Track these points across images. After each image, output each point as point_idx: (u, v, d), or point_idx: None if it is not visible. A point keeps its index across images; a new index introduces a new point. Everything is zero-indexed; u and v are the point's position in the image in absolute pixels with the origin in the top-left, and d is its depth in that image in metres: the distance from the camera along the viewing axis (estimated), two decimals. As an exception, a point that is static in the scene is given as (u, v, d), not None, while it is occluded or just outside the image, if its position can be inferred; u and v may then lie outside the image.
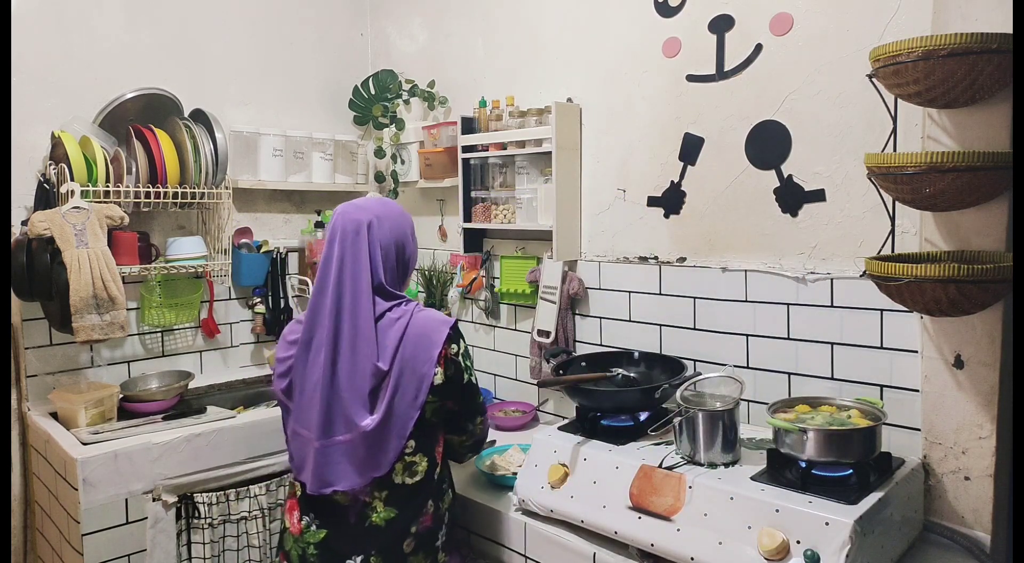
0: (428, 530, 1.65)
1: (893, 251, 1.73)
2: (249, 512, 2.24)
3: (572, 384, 1.98)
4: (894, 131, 1.72)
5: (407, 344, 1.60)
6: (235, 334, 2.91)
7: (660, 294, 2.25)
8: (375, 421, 1.57)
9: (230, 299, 2.91)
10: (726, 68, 2.05)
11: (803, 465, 1.56)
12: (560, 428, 1.98)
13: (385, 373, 1.58)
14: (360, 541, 1.60)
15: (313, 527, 1.64)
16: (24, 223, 2.29)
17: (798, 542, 1.41)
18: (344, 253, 1.63)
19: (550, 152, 2.34)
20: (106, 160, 2.36)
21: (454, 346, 1.64)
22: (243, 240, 2.87)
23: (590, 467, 1.76)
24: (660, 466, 1.66)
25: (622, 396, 1.99)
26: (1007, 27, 1.47)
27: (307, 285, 2.88)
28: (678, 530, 1.56)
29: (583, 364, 2.21)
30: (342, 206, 1.70)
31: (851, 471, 1.55)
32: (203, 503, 2.16)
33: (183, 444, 2.13)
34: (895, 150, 1.72)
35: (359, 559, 1.60)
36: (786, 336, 1.97)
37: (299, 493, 1.69)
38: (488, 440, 2.30)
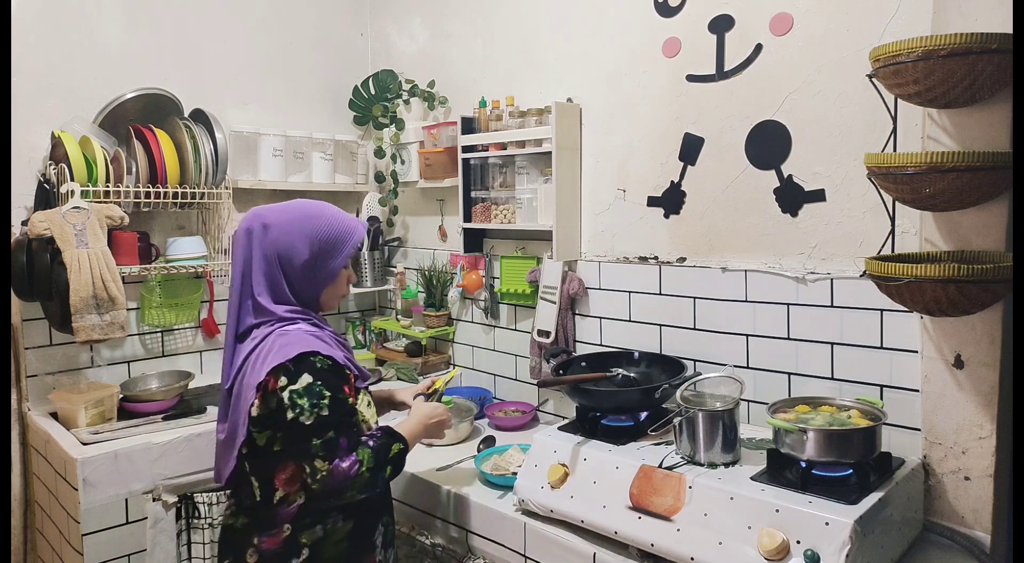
0: (274, 553, 1.54)
1: (893, 251, 1.73)
2: (249, 512, 2.23)
3: (572, 384, 1.98)
4: (894, 131, 1.72)
5: (247, 368, 1.54)
6: (235, 334, 2.91)
7: (660, 294, 2.25)
8: (223, 432, 1.61)
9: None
10: (726, 68, 2.05)
11: (803, 465, 1.56)
12: (560, 428, 1.98)
13: (228, 392, 1.59)
14: (231, 540, 1.62)
15: (229, 512, 1.68)
16: (24, 223, 2.29)
17: (798, 542, 1.41)
18: (233, 260, 1.63)
19: (550, 152, 2.34)
20: (106, 160, 2.36)
21: (283, 379, 1.47)
22: (243, 240, 2.87)
23: (590, 467, 1.76)
24: (660, 466, 1.66)
25: (622, 396, 1.99)
26: (1007, 27, 1.47)
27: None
28: (678, 530, 1.56)
29: (583, 364, 2.21)
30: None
31: (851, 471, 1.55)
32: (203, 503, 2.16)
33: (183, 444, 2.13)
34: (895, 150, 1.72)
35: (231, 555, 1.61)
36: (786, 336, 1.97)
37: None
38: (487, 438, 2.30)
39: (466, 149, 2.63)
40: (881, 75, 1.54)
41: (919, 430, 1.73)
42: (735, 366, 2.03)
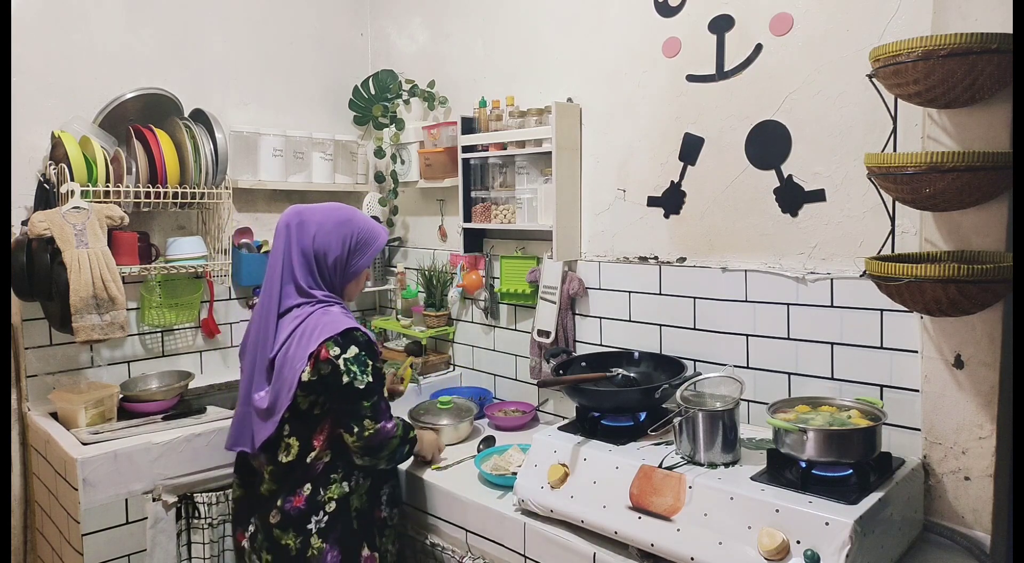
0: (298, 511, 1.77)
1: (893, 251, 1.73)
2: (249, 512, 2.24)
3: (572, 384, 1.98)
4: (894, 131, 1.72)
5: (293, 340, 1.77)
6: (235, 334, 2.91)
7: (660, 294, 2.25)
8: (264, 400, 1.79)
9: (230, 299, 2.91)
10: (726, 68, 2.05)
11: (803, 465, 1.56)
12: (560, 428, 1.98)
13: (271, 361, 1.80)
14: (255, 506, 1.84)
15: (234, 485, 1.94)
16: (24, 223, 2.29)
17: (798, 542, 1.41)
18: (273, 249, 1.88)
19: (550, 152, 2.34)
20: (106, 160, 2.36)
21: (336, 349, 1.73)
22: (243, 240, 2.87)
23: (590, 467, 1.76)
24: (660, 466, 1.66)
25: (622, 396, 1.99)
26: (1007, 27, 1.47)
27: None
28: (678, 530, 1.56)
29: (583, 364, 2.21)
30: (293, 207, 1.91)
31: (851, 471, 1.55)
32: (203, 503, 2.17)
33: (183, 444, 2.13)
34: (895, 150, 1.72)
35: (253, 522, 1.84)
36: (786, 336, 1.97)
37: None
38: (487, 438, 2.30)
39: (466, 149, 2.63)
40: (881, 75, 1.54)
41: (919, 430, 1.73)
42: (735, 366, 2.03)
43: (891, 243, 1.75)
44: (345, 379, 1.73)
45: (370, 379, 1.75)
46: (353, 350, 1.74)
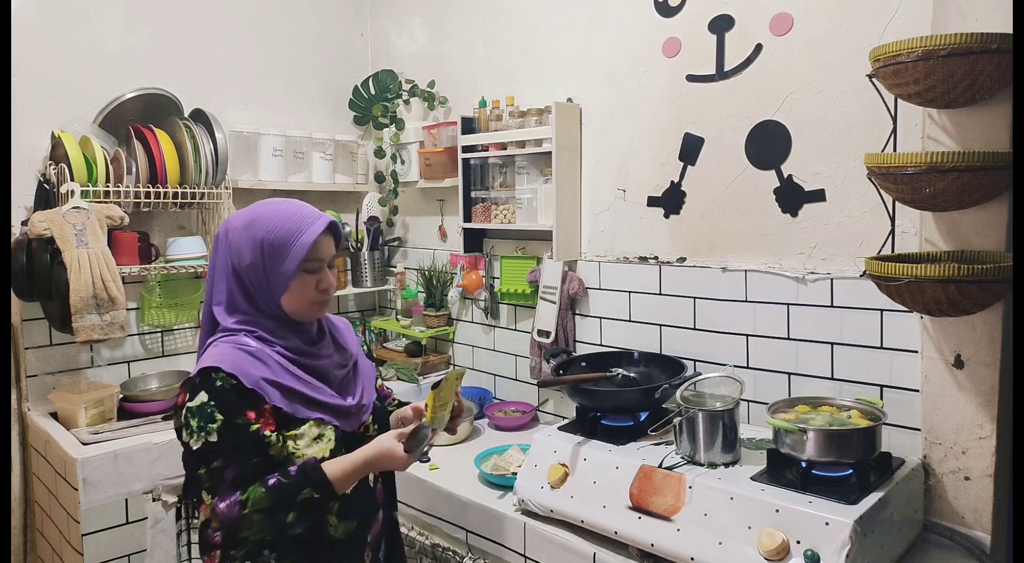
0: None
1: (893, 251, 1.73)
2: (249, 512, 2.23)
3: (572, 384, 1.98)
4: (894, 131, 1.72)
5: None
6: (235, 334, 2.91)
7: (660, 294, 2.24)
8: None
9: (230, 299, 2.90)
10: (726, 68, 2.05)
11: (803, 465, 1.56)
12: (560, 428, 1.98)
13: None
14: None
15: None
16: (24, 223, 2.29)
17: (798, 542, 1.41)
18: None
19: (550, 152, 2.34)
20: (106, 160, 2.36)
21: (187, 395, 1.33)
22: (243, 240, 2.87)
23: (590, 467, 1.76)
24: (660, 466, 1.66)
25: (622, 396, 1.99)
26: (1007, 27, 1.47)
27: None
28: (678, 530, 1.56)
29: (583, 364, 2.21)
30: None
31: (851, 471, 1.55)
32: (203, 503, 2.16)
33: (183, 444, 2.13)
34: (895, 150, 1.72)
35: None
36: (786, 336, 1.97)
37: None
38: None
39: (466, 149, 2.63)
40: (881, 75, 1.54)
41: (919, 430, 1.73)
42: (735, 366, 2.03)
43: (891, 243, 1.75)
44: (183, 436, 1.31)
45: (211, 438, 1.29)
46: (200, 397, 1.30)
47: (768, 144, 1.97)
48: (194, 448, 1.30)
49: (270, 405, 1.34)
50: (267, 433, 1.33)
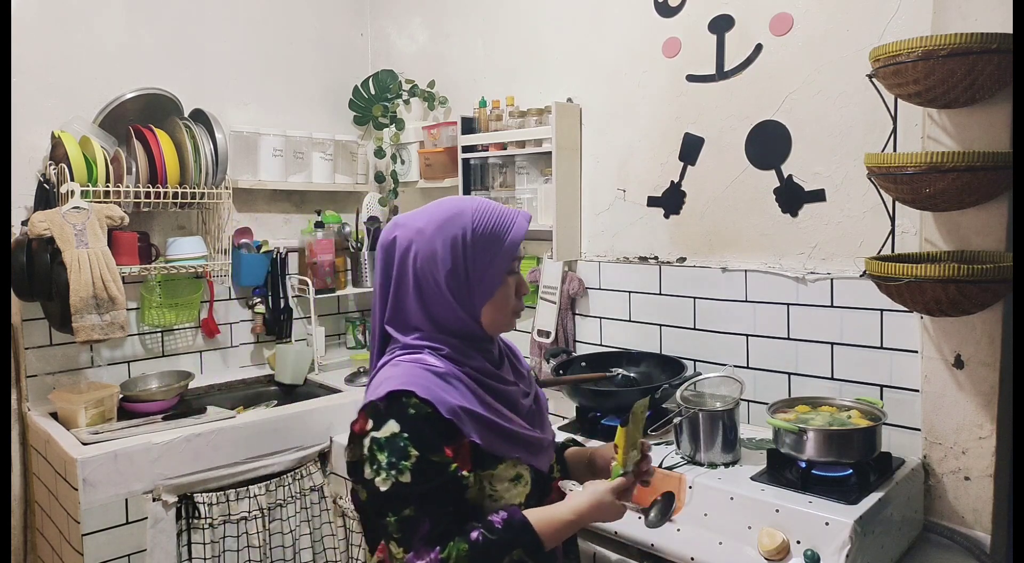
0: None
1: (893, 251, 1.73)
2: (249, 512, 2.24)
3: (572, 384, 1.98)
4: (894, 131, 1.72)
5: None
6: (235, 334, 2.91)
7: (660, 294, 2.24)
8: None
9: (230, 299, 2.91)
10: (726, 68, 2.05)
11: (803, 465, 1.56)
12: (560, 428, 1.98)
13: None
14: None
15: None
16: (24, 223, 2.29)
17: (798, 542, 1.41)
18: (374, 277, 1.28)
19: (550, 152, 2.34)
20: (106, 160, 2.36)
21: (369, 422, 1.13)
22: (243, 240, 2.87)
23: (590, 467, 1.76)
24: (660, 466, 1.66)
25: (622, 396, 1.99)
26: (1007, 27, 1.47)
27: (307, 285, 2.88)
28: (678, 530, 1.56)
29: (583, 364, 2.21)
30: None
31: (851, 471, 1.55)
32: (203, 503, 2.16)
33: (183, 444, 2.13)
34: (895, 150, 1.72)
35: None
36: (786, 336, 1.96)
37: None
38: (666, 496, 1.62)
39: (466, 149, 2.63)
40: (881, 75, 1.54)
41: (919, 430, 1.73)
42: (735, 366, 2.03)
43: (891, 243, 1.75)
44: (367, 472, 1.11)
45: (402, 479, 1.09)
46: (390, 427, 1.11)
47: (768, 144, 1.97)
48: (382, 489, 1.09)
49: (468, 440, 1.14)
50: (464, 473, 1.13)
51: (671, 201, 2.20)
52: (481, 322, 1.22)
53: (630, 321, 2.33)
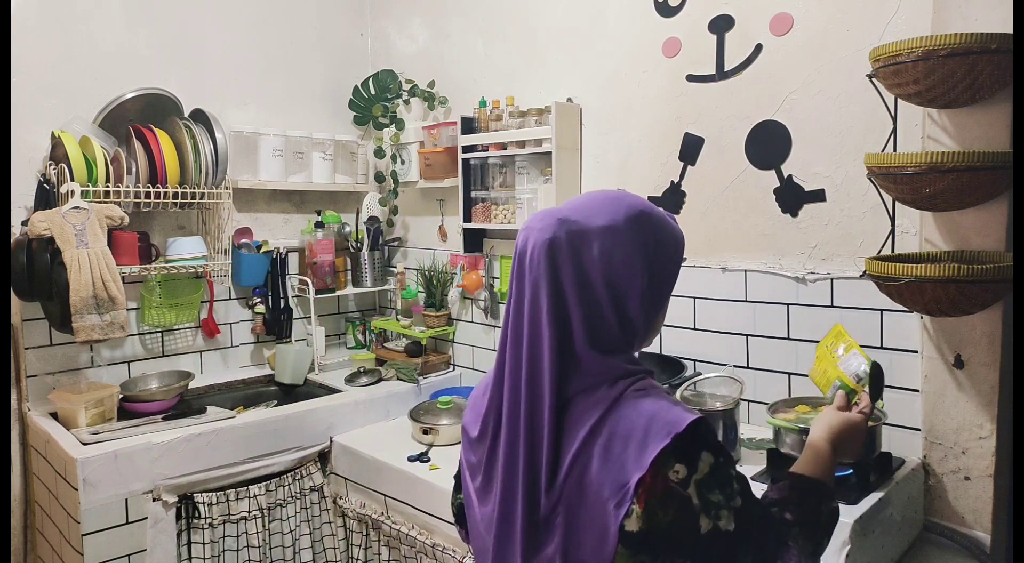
0: None
1: (893, 251, 1.73)
2: (249, 512, 2.24)
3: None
4: (894, 131, 1.72)
5: (595, 454, 0.92)
6: (235, 334, 2.91)
7: (660, 294, 2.24)
8: None
9: (230, 299, 2.91)
10: (726, 68, 2.05)
11: (803, 465, 1.55)
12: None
13: (556, 498, 0.95)
14: None
15: None
16: (24, 223, 2.29)
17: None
18: (521, 294, 1.00)
19: (550, 152, 2.34)
20: (106, 160, 2.36)
21: (678, 466, 0.89)
22: (243, 240, 2.87)
23: (590, 467, 1.76)
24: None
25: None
26: (1007, 27, 1.47)
27: (307, 285, 2.88)
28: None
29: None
30: (533, 215, 1.06)
31: (851, 471, 1.55)
32: (203, 503, 2.16)
33: (183, 444, 2.13)
34: (895, 150, 1.72)
35: None
36: (786, 336, 1.96)
37: None
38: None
39: (466, 149, 2.63)
40: (881, 75, 1.54)
41: (919, 430, 1.73)
42: (735, 366, 2.03)
43: (891, 243, 1.75)
44: (705, 525, 0.90)
45: (736, 503, 0.92)
46: (706, 461, 0.91)
47: (768, 144, 1.97)
48: (730, 529, 0.90)
49: None
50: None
51: (671, 201, 2.20)
52: (643, 340, 1.05)
53: (630, 321, 2.33)
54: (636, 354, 1.05)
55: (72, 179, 2.26)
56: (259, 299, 2.90)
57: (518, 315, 0.99)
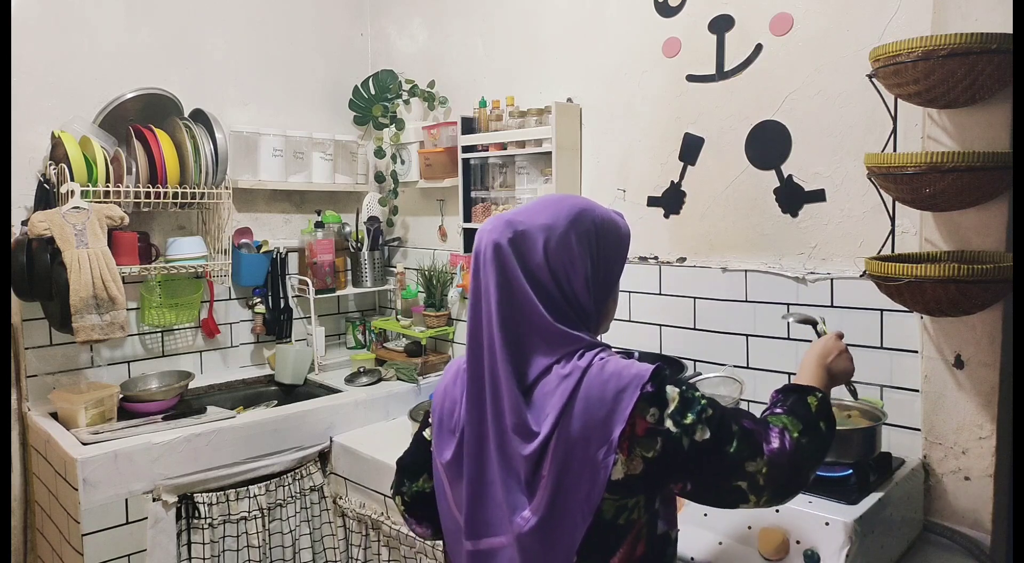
0: None
1: (893, 251, 1.73)
2: (249, 512, 2.24)
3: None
4: (894, 131, 1.72)
5: (575, 416, 1.06)
6: (235, 334, 2.91)
7: (660, 294, 2.24)
8: (532, 521, 1.08)
9: (230, 299, 2.91)
10: (726, 68, 2.05)
11: (803, 465, 1.55)
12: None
13: (538, 456, 1.08)
14: None
15: None
16: (24, 223, 2.29)
17: (798, 542, 1.41)
18: (477, 290, 1.17)
19: (550, 152, 2.34)
20: (106, 160, 2.36)
21: (652, 410, 1.05)
22: (243, 240, 2.87)
23: (590, 467, 1.76)
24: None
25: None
26: (1007, 27, 1.47)
27: (307, 285, 2.88)
28: (678, 530, 1.55)
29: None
30: (488, 218, 1.21)
31: (851, 471, 1.55)
32: (203, 503, 2.16)
33: (183, 444, 2.13)
34: (895, 150, 1.72)
35: None
36: (786, 336, 1.96)
37: None
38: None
39: (466, 149, 2.63)
40: (881, 75, 1.54)
41: (919, 430, 1.73)
42: (735, 366, 2.03)
43: (891, 243, 1.75)
44: (686, 444, 1.05)
45: (709, 412, 1.07)
46: (674, 394, 1.07)
47: (768, 144, 1.97)
48: (707, 437, 1.05)
49: None
50: None
51: (671, 201, 2.20)
52: (599, 323, 1.21)
53: (630, 321, 2.33)
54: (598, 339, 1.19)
55: (72, 179, 2.26)
56: (259, 299, 2.90)
57: (475, 309, 1.17)
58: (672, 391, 1.08)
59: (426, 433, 1.30)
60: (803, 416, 1.14)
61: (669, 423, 1.05)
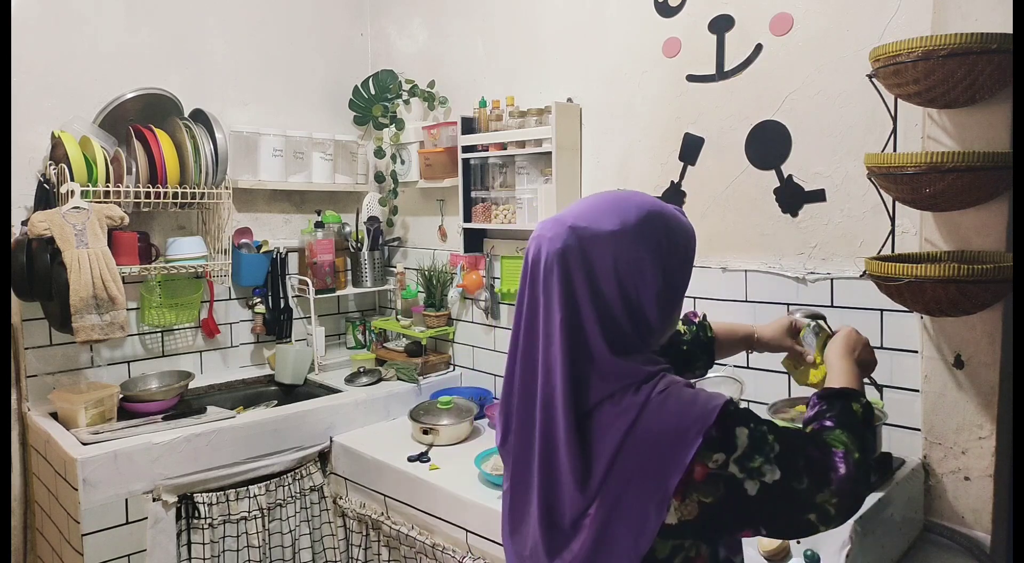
0: None
1: (893, 251, 1.73)
2: (249, 512, 2.24)
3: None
4: (894, 131, 1.72)
5: (631, 458, 0.97)
6: (235, 334, 2.91)
7: (660, 294, 2.24)
8: None
9: (230, 299, 2.91)
10: (726, 68, 2.05)
11: (803, 465, 1.55)
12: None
13: (587, 503, 0.99)
14: None
15: None
16: (24, 223, 2.29)
17: (798, 542, 1.41)
18: (535, 303, 1.03)
19: (550, 152, 2.34)
20: (106, 160, 2.36)
21: (716, 456, 0.96)
22: (243, 240, 2.87)
23: (590, 467, 1.76)
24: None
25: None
26: (1007, 27, 1.47)
27: (307, 285, 2.88)
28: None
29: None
30: (542, 222, 1.08)
31: (851, 471, 1.55)
32: (203, 503, 2.17)
33: (183, 444, 2.13)
34: (895, 150, 1.72)
35: None
36: (786, 336, 1.96)
37: None
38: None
39: (466, 149, 2.63)
40: (881, 75, 1.54)
41: (919, 430, 1.73)
42: (735, 366, 2.03)
43: (891, 243, 1.75)
44: (752, 490, 0.96)
45: (777, 448, 0.98)
46: (742, 436, 0.97)
47: (768, 144, 1.97)
48: (776, 479, 0.96)
49: None
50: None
51: (671, 201, 2.19)
52: (662, 337, 1.09)
53: (630, 321, 2.33)
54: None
55: (72, 179, 2.26)
56: (259, 299, 2.90)
57: (531, 325, 1.03)
58: (741, 433, 0.97)
59: None
60: (855, 428, 1.07)
61: (735, 469, 0.95)
